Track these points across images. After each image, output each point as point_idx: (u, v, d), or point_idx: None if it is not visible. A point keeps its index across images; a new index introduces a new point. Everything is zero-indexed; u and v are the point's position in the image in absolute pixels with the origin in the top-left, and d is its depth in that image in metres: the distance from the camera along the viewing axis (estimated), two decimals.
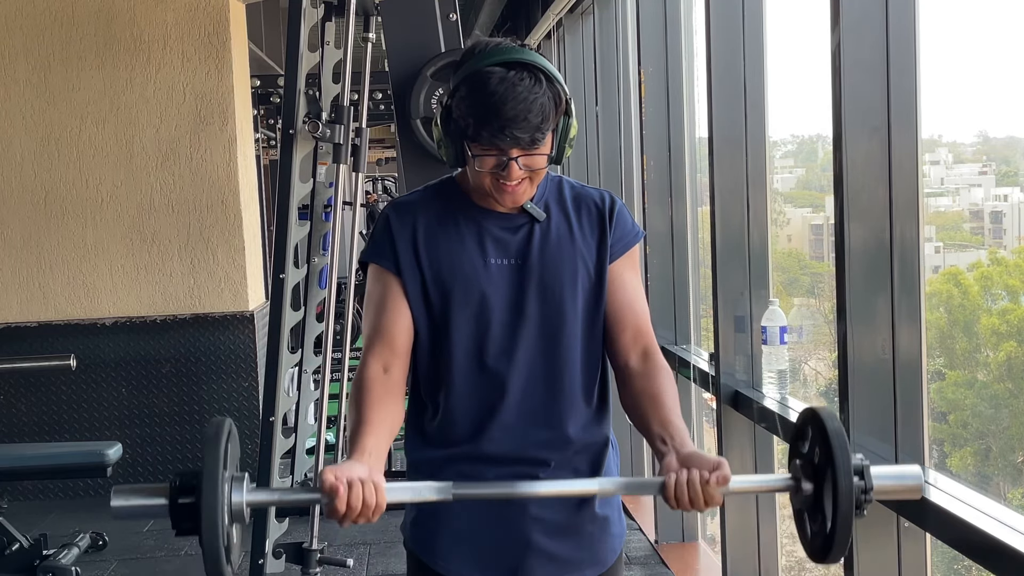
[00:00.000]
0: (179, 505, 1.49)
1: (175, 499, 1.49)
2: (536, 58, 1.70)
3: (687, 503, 1.58)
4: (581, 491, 1.69)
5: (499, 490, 1.67)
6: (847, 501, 1.50)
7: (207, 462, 1.46)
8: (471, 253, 1.79)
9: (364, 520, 1.55)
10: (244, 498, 1.52)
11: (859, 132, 2.38)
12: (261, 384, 4.53)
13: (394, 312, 1.79)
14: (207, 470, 1.46)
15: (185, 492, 1.48)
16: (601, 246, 1.82)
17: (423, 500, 1.61)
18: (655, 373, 1.78)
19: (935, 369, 3.93)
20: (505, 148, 1.68)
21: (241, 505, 1.52)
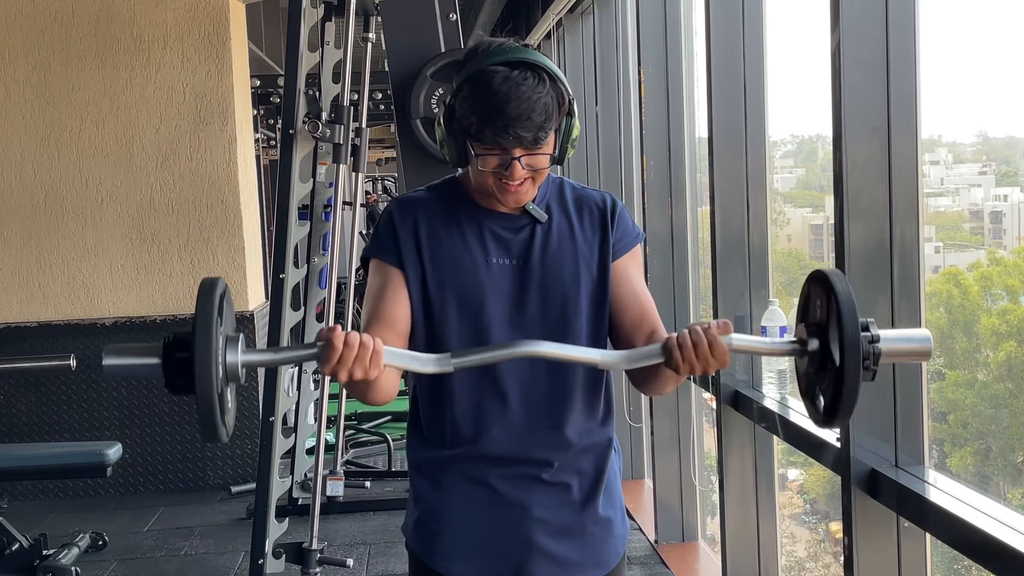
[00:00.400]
0: (172, 361, 1.45)
1: (168, 356, 1.45)
2: (540, 58, 1.70)
3: (692, 356, 1.57)
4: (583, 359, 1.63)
5: (498, 353, 1.62)
6: (854, 350, 1.48)
7: (200, 317, 1.43)
8: (473, 252, 1.79)
9: (360, 370, 1.52)
10: (239, 357, 1.49)
11: (859, 132, 2.38)
12: (261, 384, 4.53)
13: (394, 300, 1.78)
14: (200, 325, 1.42)
15: (179, 349, 1.44)
16: (603, 246, 1.82)
17: (422, 370, 1.60)
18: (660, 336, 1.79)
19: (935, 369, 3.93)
20: (508, 147, 1.68)
21: (236, 364, 1.49)
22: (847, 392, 1.50)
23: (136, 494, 5.38)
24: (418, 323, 1.80)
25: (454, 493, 1.84)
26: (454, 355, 1.58)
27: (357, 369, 1.52)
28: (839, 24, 2.37)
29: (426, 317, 1.79)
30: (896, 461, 2.39)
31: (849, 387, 1.50)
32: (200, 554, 4.48)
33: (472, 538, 1.84)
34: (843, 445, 2.45)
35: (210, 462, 5.44)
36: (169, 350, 1.46)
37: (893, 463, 2.39)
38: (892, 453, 2.39)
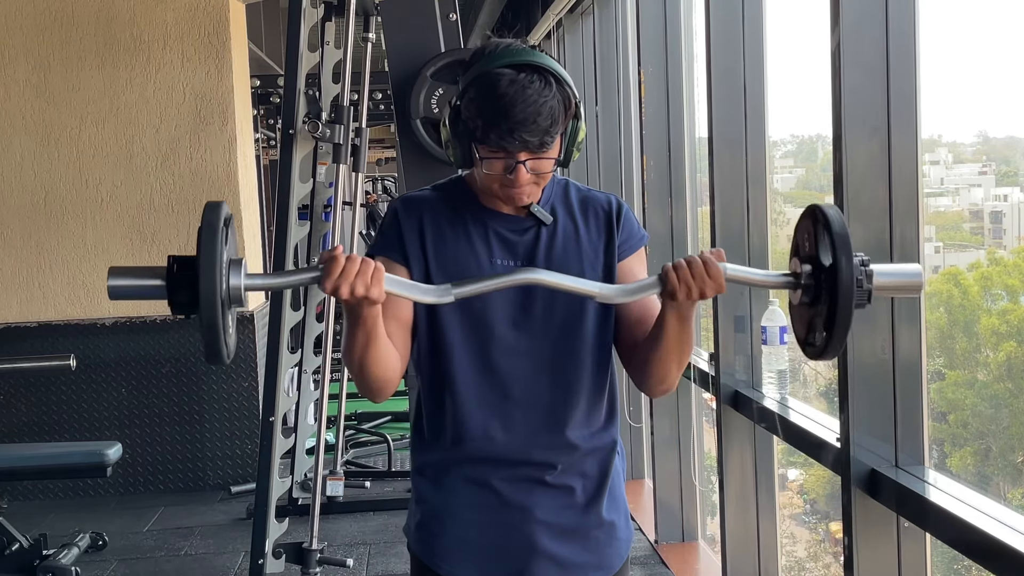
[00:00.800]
0: (176, 280, 1.47)
1: (173, 276, 1.47)
2: (546, 60, 1.68)
3: (688, 276, 1.59)
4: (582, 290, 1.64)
5: (498, 281, 1.62)
6: (848, 277, 1.51)
7: (205, 238, 1.44)
8: (478, 253, 1.78)
9: (362, 286, 1.53)
10: (242, 281, 1.50)
11: (859, 132, 2.38)
12: (261, 384, 4.53)
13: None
14: (205, 245, 1.44)
15: (183, 269, 1.46)
16: (608, 248, 1.81)
17: (423, 299, 1.61)
18: None
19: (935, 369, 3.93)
20: (513, 151, 1.67)
21: (239, 287, 1.49)
22: (840, 319, 1.53)
23: (136, 494, 5.38)
24: (421, 323, 1.79)
25: (456, 495, 1.83)
26: (454, 284, 1.60)
27: (359, 284, 1.53)
28: (839, 24, 2.37)
29: (429, 317, 1.78)
30: (896, 461, 2.39)
31: (842, 315, 1.53)
32: (200, 554, 4.48)
33: (474, 541, 1.83)
34: (843, 445, 2.45)
35: (210, 462, 5.44)
36: (173, 271, 1.47)
37: (893, 463, 2.39)
38: (892, 453, 2.39)
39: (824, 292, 1.55)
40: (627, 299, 1.67)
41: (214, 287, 1.44)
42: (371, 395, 1.75)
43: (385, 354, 1.69)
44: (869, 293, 1.55)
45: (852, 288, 1.52)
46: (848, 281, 1.51)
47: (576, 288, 1.65)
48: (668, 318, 1.68)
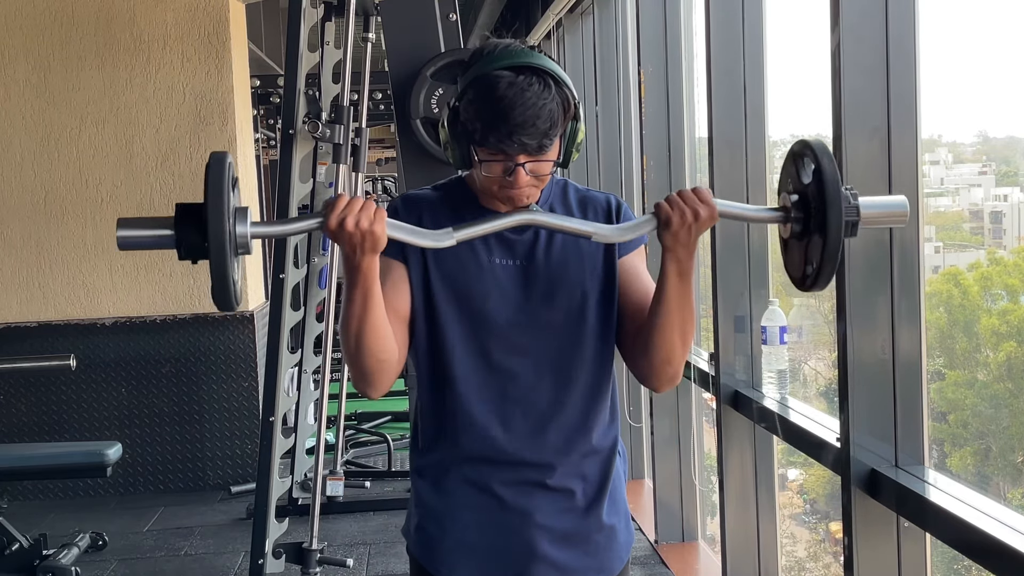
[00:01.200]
0: (185, 227, 1.52)
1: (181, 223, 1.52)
2: (545, 62, 1.68)
3: (680, 203, 1.65)
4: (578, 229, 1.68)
5: (497, 223, 1.67)
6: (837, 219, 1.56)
7: (212, 186, 1.49)
8: (477, 252, 1.77)
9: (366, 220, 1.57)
10: (249, 230, 1.55)
11: (859, 132, 2.38)
12: (261, 384, 4.53)
13: (396, 288, 1.76)
14: (212, 193, 1.49)
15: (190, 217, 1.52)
16: (609, 245, 1.80)
17: (422, 243, 1.65)
18: None
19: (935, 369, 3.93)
20: (512, 154, 1.66)
21: (245, 234, 1.54)
22: (830, 246, 1.58)
23: (136, 494, 5.38)
24: (419, 320, 1.78)
25: (456, 498, 1.82)
26: (455, 228, 1.64)
27: (363, 218, 1.57)
28: (839, 24, 2.37)
29: (428, 315, 1.78)
30: (896, 461, 2.39)
31: (832, 241, 1.57)
32: (200, 554, 4.48)
33: (474, 544, 1.82)
34: (843, 445, 2.45)
35: (210, 462, 5.44)
36: (182, 218, 1.52)
37: (893, 463, 2.39)
38: (892, 453, 2.39)
39: (813, 226, 1.60)
40: (624, 237, 1.72)
41: (223, 232, 1.49)
42: (367, 380, 1.72)
43: (383, 327, 1.68)
44: (857, 217, 1.59)
45: (841, 222, 1.57)
46: (837, 215, 1.56)
47: (572, 228, 1.69)
48: (668, 273, 1.70)
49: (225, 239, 1.49)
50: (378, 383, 1.73)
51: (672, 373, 1.77)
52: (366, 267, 1.62)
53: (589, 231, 1.67)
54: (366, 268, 1.62)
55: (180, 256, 1.54)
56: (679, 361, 1.76)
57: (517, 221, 1.65)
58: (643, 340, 1.76)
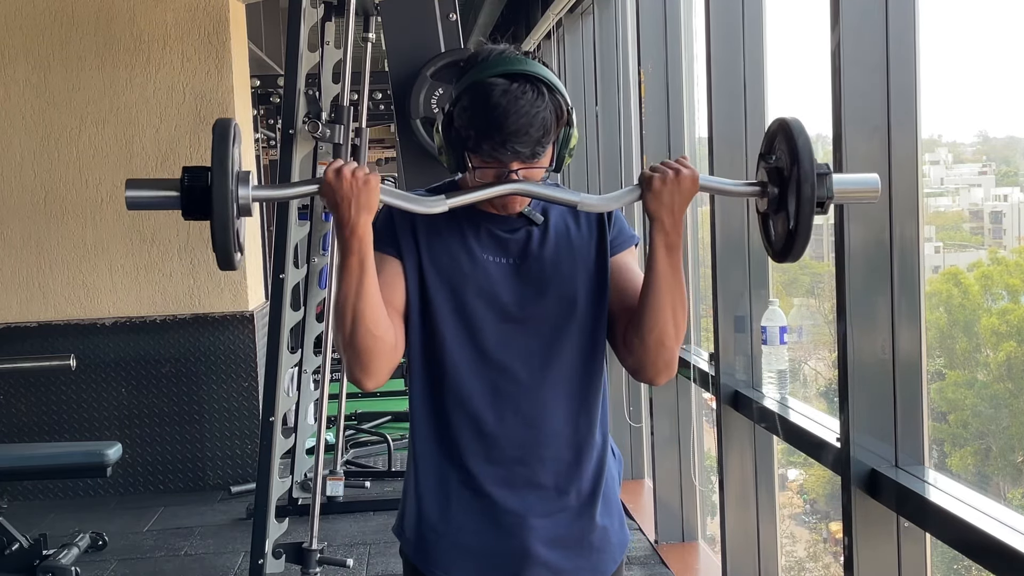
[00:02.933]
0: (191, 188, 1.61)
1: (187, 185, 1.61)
2: (539, 69, 1.70)
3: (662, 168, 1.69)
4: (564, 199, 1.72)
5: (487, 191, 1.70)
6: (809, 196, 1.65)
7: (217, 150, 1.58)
8: (471, 250, 1.79)
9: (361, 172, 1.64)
10: (251, 192, 1.63)
11: (859, 132, 2.38)
12: (261, 384, 4.53)
13: (391, 283, 1.77)
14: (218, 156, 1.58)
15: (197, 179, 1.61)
16: (601, 243, 1.82)
17: (416, 209, 1.71)
18: None
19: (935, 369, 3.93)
20: (505, 161, 1.69)
21: (248, 197, 1.62)
22: (803, 217, 1.67)
23: (136, 494, 5.38)
24: (414, 316, 1.79)
25: (451, 500, 1.82)
26: (448, 195, 1.70)
27: (358, 171, 1.64)
28: (839, 24, 2.37)
29: (422, 311, 1.79)
30: (896, 461, 2.39)
31: (804, 212, 1.66)
32: (200, 554, 4.48)
33: (468, 546, 1.82)
34: (843, 445, 2.45)
35: (210, 462, 5.44)
36: (188, 180, 1.61)
37: (893, 463, 2.39)
38: (892, 453, 2.39)
39: (788, 195, 1.69)
40: (609, 206, 1.76)
41: (226, 193, 1.58)
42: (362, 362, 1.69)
43: (377, 298, 1.69)
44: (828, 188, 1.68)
45: (813, 184, 1.65)
46: (809, 178, 1.65)
47: (557, 197, 1.73)
48: (656, 246, 1.71)
49: (228, 199, 1.58)
50: (373, 366, 1.70)
51: (668, 358, 1.76)
52: (361, 229, 1.66)
53: (574, 200, 1.73)
54: (361, 231, 1.66)
55: (184, 215, 1.62)
56: (672, 344, 1.75)
57: (506, 190, 1.70)
58: (636, 324, 1.76)
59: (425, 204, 1.68)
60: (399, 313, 1.78)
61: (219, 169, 1.58)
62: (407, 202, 1.70)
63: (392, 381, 1.87)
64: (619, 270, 1.82)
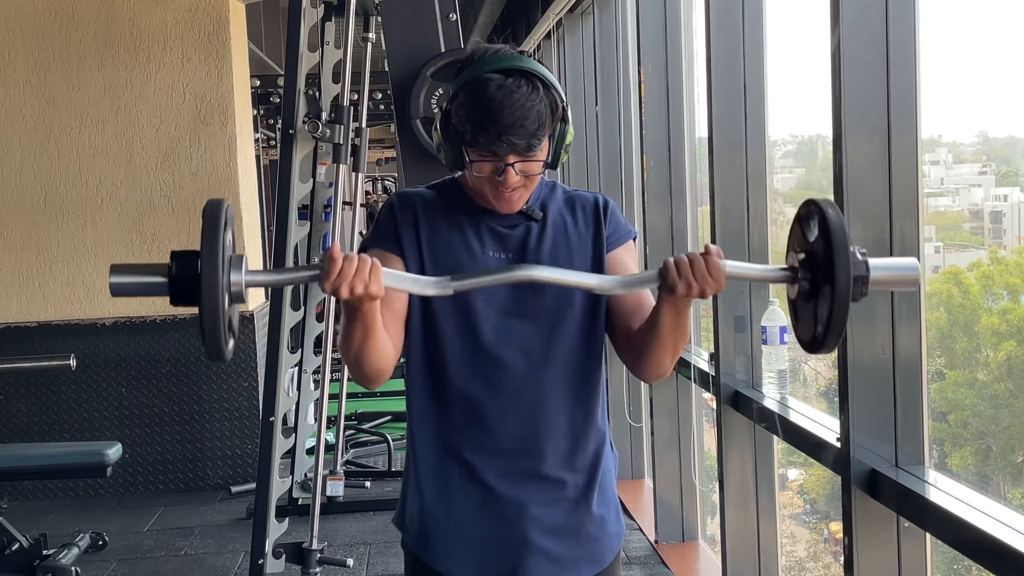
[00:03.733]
0: (179, 276, 1.49)
1: (175, 272, 1.49)
2: (534, 65, 1.73)
3: (687, 269, 1.60)
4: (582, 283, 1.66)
5: (497, 276, 1.65)
6: (845, 283, 1.51)
7: (207, 234, 1.47)
8: (470, 246, 1.82)
9: (360, 285, 1.55)
10: (243, 278, 1.52)
11: (859, 132, 2.38)
12: (261, 384, 4.53)
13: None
14: (208, 241, 1.47)
15: (186, 266, 1.49)
16: (597, 239, 1.85)
17: (421, 292, 1.64)
18: None
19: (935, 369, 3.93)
20: (502, 154, 1.71)
21: (240, 283, 1.52)
22: (837, 313, 1.53)
23: (136, 494, 5.38)
24: (415, 313, 1.82)
25: (451, 491, 1.85)
26: (453, 277, 1.62)
27: (358, 283, 1.55)
28: (839, 24, 2.37)
29: (422, 306, 1.82)
30: (896, 461, 2.39)
31: (839, 308, 1.53)
32: (200, 554, 4.48)
33: (468, 536, 1.85)
34: (843, 445, 2.45)
35: (210, 462, 5.44)
36: (175, 266, 1.49)
37: (893, 463, 2.39)
38: (892, 453, 2.39)
39: (821, 285, 1.56)
40: (625, 291, 1.71)
41: (216, 282, 1.46)
42: (366, 384, 1.78)
43: (382, 346, 1.71)
44: (865, 286, 1.55)
45: (849, 281, 1.52)
46: (845, 274, 1.52)
47: (574, 282, 1.66)
48: (664, 313, 1.70)
49: (218, 292, 1.46)
50: (377, 383, 1.78)
51: (661, 375, 1.82)
52: (365, 311, 1.63)
53: (592, 284, 1.67)
54: (365, 311, 1.63)
55: (172, 303, 1.51)
56: (668, 368, 1.81)
57: (517, 277, 1.63)
58: (634, 350, 1.80)
59: (431, 287, 1.62)
60: (400, 318, 1.80)
61: (209, 256, 1.46)
62: (412, 285, 1.63)
63: (392, 381, 1.88)
64: (615, 267, 1.85)
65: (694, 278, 1.60)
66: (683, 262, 1.61)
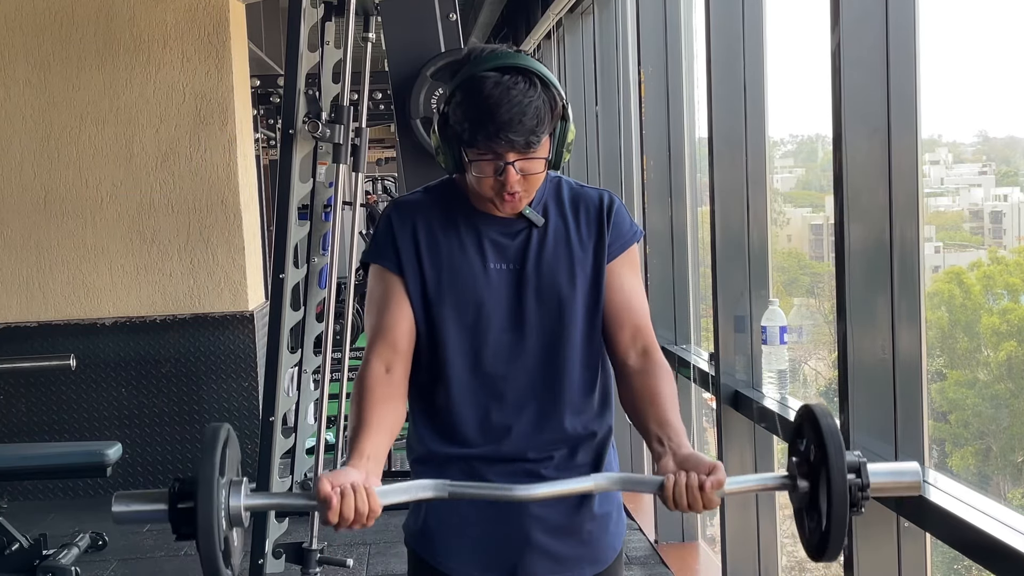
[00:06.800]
0: (178, 510, 1.52)
1: (174, 504, 1.52)
2: (531, 63, 1.71)
3: (685, 506, 1.60)
4: (578, 490, 1.69)
5: (495, 492, 1.67)
6: (841, 500, 1.50)
7: (203, 468, 1.48)
8: (471, 258, 1.80)
9: (359, 526, 1.57)
10: (242, 502, 1.55)
11: (859, 132, 2.38)
12: (261, 384, 4.53)
13: (396, 311, 1.80)
14: (202, 477, 1.48)
15: (184, 497, 1.51)
16: (599, 247, 1.83)
17: (419, 499, 1.63)
18: (654, 371, 1.79)
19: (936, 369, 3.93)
20: (501, 152, 1.69)
21: (239, 509, 1.54)
22: (834, 538, 1.53)
23: None
24: (419, 326, 1.81)
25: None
26: (451, 484, 1.62)
27: (355, 527, 1.57)
28: (839, 24, 2.37)
29: (426, 321, 1.81)
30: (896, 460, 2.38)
31: (836, 536, 1.52)
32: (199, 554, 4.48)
33: (471, 535, 1.85)
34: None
35: None
36: (175, 499, 1.52)
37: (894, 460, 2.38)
38: (892, 453, 2.39)
39: (820, 498, 1.55)
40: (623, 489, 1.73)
41: (211, 524, 1.47)
42: None
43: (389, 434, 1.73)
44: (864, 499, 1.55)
45: (846, 508, 1.52)
46: (842, 503, 1.51)
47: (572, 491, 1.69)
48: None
49: (213, 528, 1.47)
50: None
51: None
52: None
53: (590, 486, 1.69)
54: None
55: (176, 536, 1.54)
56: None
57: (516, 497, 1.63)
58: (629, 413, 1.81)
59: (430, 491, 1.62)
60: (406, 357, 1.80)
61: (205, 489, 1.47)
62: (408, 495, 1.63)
63: None
64: (613, 280, 1.83)
65: (688, 509, 1.61)
66: (682, 496, 1.59)
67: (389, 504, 1.60)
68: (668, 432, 1.69)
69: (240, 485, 1.55)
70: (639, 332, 1.82)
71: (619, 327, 1.82)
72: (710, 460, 1.62)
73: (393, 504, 1.61)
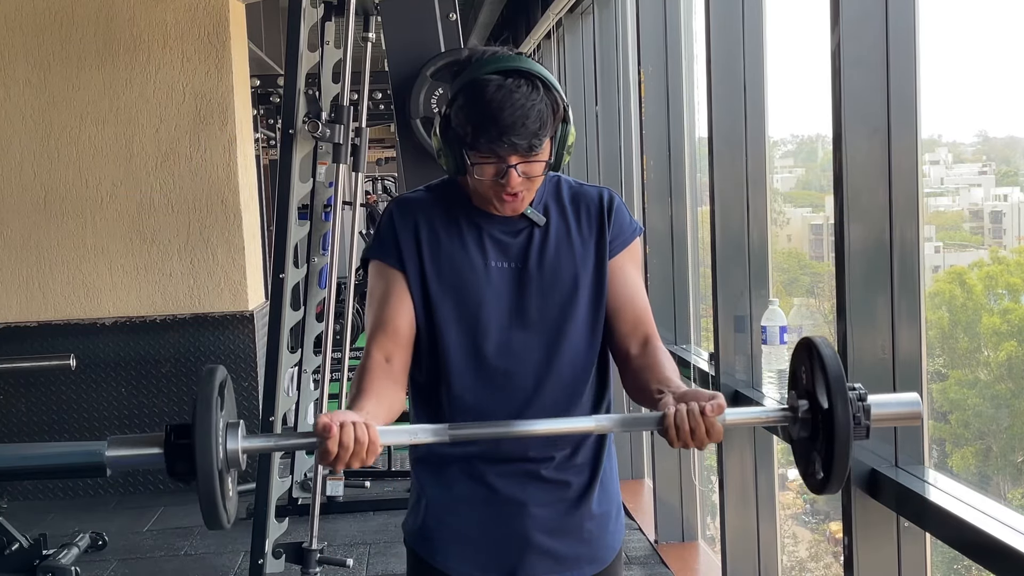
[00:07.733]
0: (174, 446, 1.50)
1: (170, 446, 1.50)
2: (533, 66, 1.71)
3: (687, 433, 1.56)
4: (578, 428, 1.69)
5: (495, 429, 1.67)
6: (844, 418, 1.50)
7: (200, 408, 1.47)
8: (472, 256, 1.80)
9: (358, 462, 1.55)
10: (239, 444, 1.53)
11: (859, 132, 2.38)
12: (261, 384, 4.53)
13: (397, 304, 1.80)
14: (200, 415, 1.47)
15: (180, 438, 1.49)
16: (600, 244, 1.83)
17: (419, 442, 1.64)
18: (654, 352, 1.80)
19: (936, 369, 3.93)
20: (503, 155, 1.69)
21: (236, 451, 1.53)
22: (838, 458, 1.53)
23: (136, 494, 5.38)
24: (420, 323, 1.81)
25: (453, 490, 1.85)
26: (451, 426, 1.63)
27: (355, 462, 1.55)
28: (839, 24, 2.37)
29: (427, 318, 1.81)
30: (896, 461, 2.38)
31: (840, 453, 1.52)
32: (200, 554, 4.48)
33: (470, 535, 1.85)
34: None
35: None
36: (171, 438, 1.50)
37: (893, 463, 2.38)
38: (892, 453, 2.39)
39: (821, 430, 1.55)
40: (624, 430, 1.73)
41: (210, 457, 1.46)
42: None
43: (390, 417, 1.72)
44: (867, 429, 1.54)
45: (849, 428, 1.51)
46: (844, 422, 1.51)
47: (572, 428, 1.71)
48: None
49: (213, 467, 1.46)
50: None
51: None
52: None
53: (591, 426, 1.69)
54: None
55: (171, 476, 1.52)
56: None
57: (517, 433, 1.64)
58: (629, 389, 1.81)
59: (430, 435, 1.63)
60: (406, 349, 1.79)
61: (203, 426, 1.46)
62: (409, 437, 1.64)
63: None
64: (615, 275, 1.84)
65: (692, 440, 1.57)
66: (683, 422, 1.57)
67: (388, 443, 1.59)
68: (668, 385, 1.69)
69: (237, 428, 1.54)
70: (641, 323, 1.83)
71: (622, 321, 1.83)
72: (709, 392, 1.61)
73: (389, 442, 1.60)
